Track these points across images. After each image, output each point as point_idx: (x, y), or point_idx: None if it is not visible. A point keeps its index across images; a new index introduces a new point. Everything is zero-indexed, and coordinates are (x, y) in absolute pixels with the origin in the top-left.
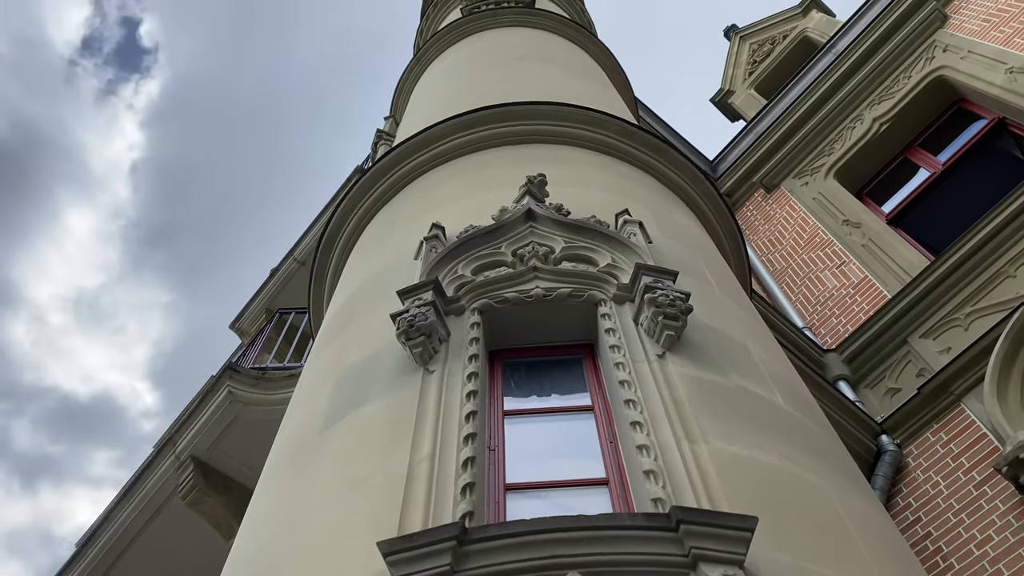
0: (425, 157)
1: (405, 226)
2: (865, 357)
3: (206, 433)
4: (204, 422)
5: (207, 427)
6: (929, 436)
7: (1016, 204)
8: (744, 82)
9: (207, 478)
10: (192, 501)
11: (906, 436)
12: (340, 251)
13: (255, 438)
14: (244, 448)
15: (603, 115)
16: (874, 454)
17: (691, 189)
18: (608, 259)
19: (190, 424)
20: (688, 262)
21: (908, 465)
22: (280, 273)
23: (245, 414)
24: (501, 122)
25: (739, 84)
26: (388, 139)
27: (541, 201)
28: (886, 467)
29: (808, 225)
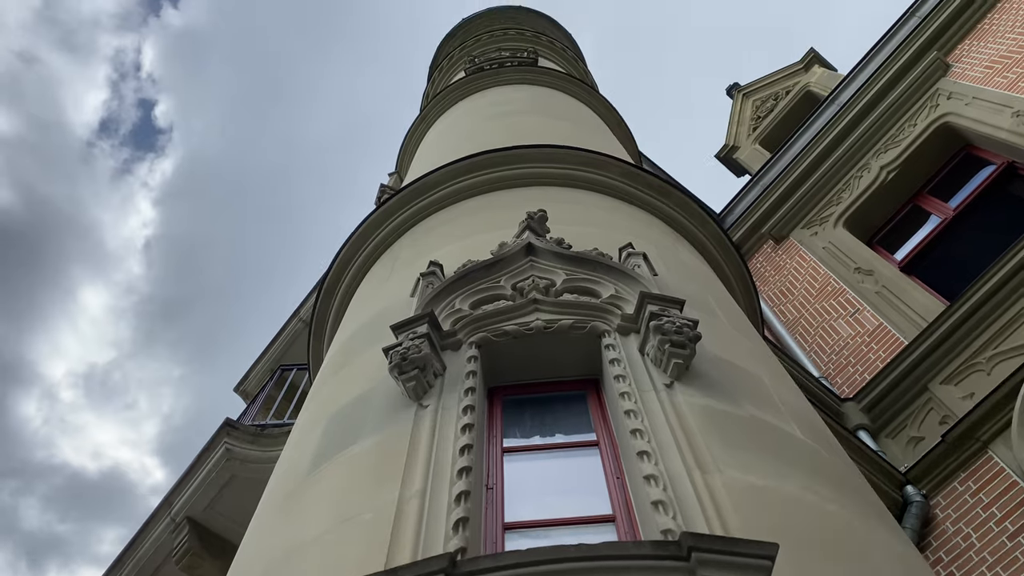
0: (426, 202)
1: (404, 269)
2: (885, 405)
3: (203, 493)
4: (201, 481)
5: (204, 486)
6: (957, 486)
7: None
8: (748, 137)
9: (203, 541)
10: (187, 565)
11: (932, 486)
12: (340, 300)
13: (253, 498)
14: (242, 508)
15: (605, 157)
16: (900, 506)
17: (697, 230)
18: (611, 290)
19: (186, 483)
20: (695, 296)
21: (936, 517)
22: (285, 333)
23: (243, 472)
24: (502, 166)
25: (743, 139)
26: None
27: (541, 236)
28: (913, 519)
29: (819, 274)
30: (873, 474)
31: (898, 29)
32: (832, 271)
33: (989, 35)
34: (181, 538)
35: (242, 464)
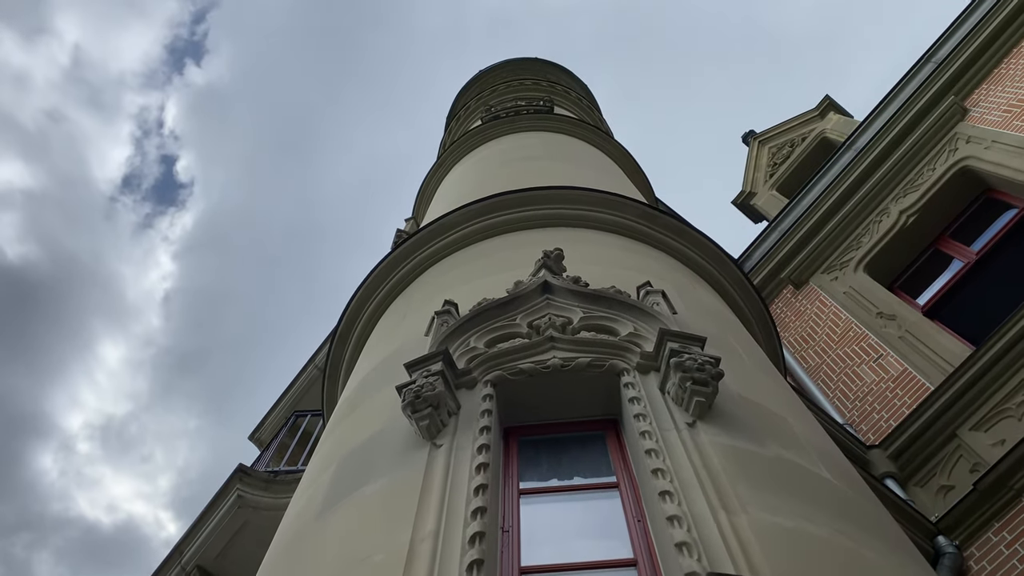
0: (441, 244)
1: (419, 309)
2: (912, 453)
3: (214, 540)
4: (212, 528)
5: (215, 534)
6: (991, 536)
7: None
8: (765, 183)
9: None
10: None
11: (965, 537)
12: (354, 343)
13: (265, 546)
14: (253, 557)
15: (622, 198)
16: (931, 557)
17: (716, 271)
18: (630, 328)
19: (198, 531)
20: (716, 335)
21: (971, 569)
22: (301, 380)
23: (255, 519)
24: (517, 207)
25: (760, 186)
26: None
27: (557, 274)
28: (947, 571)
29: (841, 319)
30: (903, 523)
31: (914, 75)
32: (853, 316)
33: (1006, 79)
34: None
35: (254, 511)
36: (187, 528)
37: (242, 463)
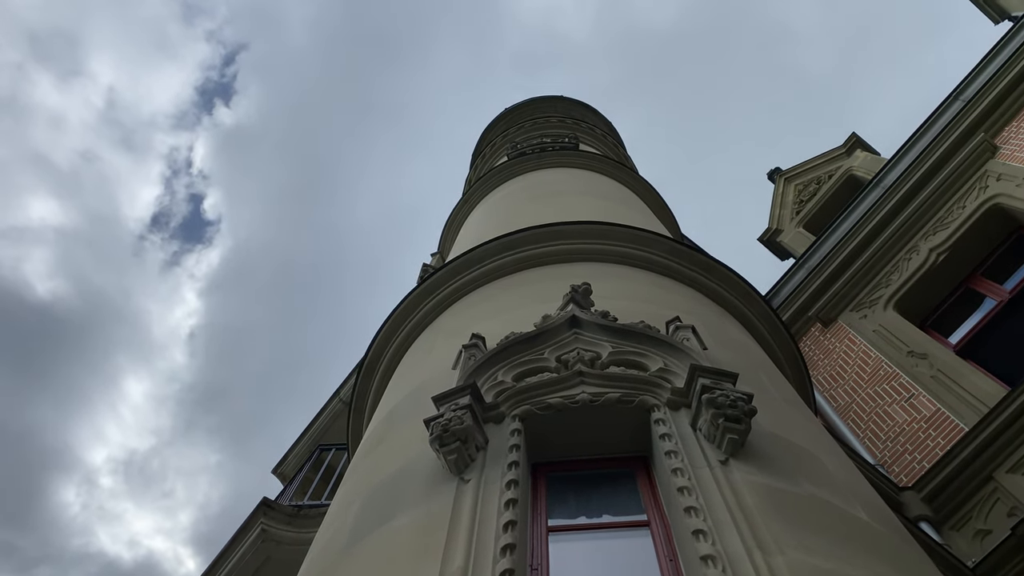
0: (468, 278)
1: (446, 342)
2: (947, 495)
3: (237, 575)
4: (236, 562)
5: (239, 568)
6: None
7: None
8: (792, 221)
9: None
10: None
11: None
12: (381, 376)
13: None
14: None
15: (650, 233)
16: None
17: (744, 307)
18: (660, 363)
19: (221, 565)
20: (746, 371)
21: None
22: (325, 414)
23: (278, 554)
24: (544, 242)
25: (787, 223)
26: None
27: (586, 308)
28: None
29: (870, 358)
30: (938, 568)
31: (942, 112)
32: (884, 354)
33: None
34: None
35: (278, 545)
36: (210, 562)
37: (266, 496)
